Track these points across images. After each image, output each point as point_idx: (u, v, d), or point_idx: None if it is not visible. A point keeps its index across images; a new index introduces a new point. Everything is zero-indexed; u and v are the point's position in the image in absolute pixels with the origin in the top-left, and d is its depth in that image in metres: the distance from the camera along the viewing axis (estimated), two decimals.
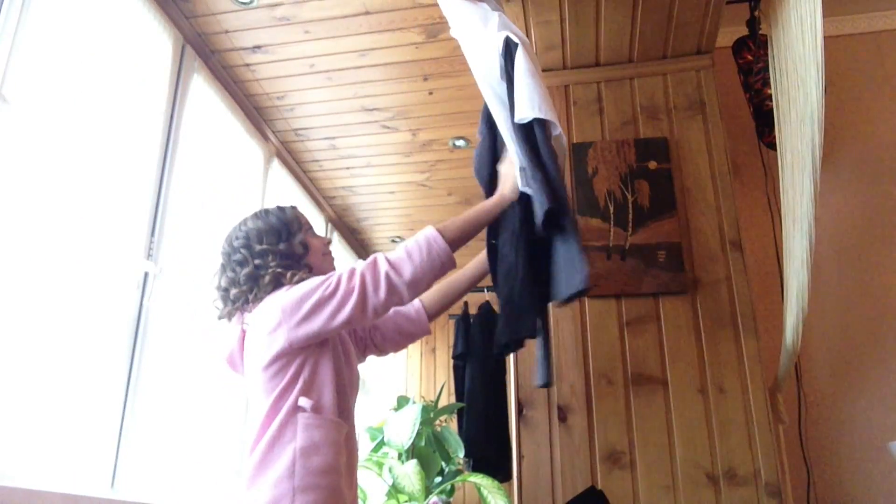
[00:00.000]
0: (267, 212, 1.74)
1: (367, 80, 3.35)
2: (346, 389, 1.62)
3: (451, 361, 4.10)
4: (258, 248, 1.66)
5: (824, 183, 2.70)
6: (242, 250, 1.67)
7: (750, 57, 2.70)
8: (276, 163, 3.75)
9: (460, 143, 3.85)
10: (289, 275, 1.63)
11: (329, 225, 4.64)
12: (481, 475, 2.72)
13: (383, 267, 1.53)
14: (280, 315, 1.52)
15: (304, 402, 1.49)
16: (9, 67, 1.95)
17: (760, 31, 2.64)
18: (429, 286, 1.59)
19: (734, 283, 2.29)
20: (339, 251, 4.81)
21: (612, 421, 2.18)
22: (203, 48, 3.05)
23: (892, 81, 3.02)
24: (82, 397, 2.14)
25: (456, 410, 3.54)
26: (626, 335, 2.28)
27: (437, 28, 3.01)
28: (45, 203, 2.07)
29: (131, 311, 2.40)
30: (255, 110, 3.53)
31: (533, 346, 2.30)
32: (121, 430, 2.27)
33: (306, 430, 1.48)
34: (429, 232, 1.58)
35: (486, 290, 4.17)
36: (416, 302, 1.86)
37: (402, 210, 4.67)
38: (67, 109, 2.19)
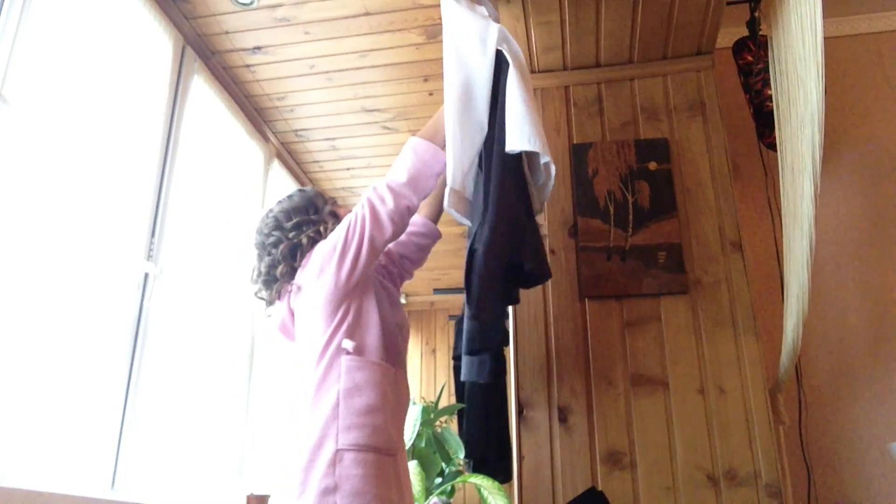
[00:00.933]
0: (290, 196, 1.86)
1: (368, 80, 3.35)
2: (392, 333, 1.70)
3: (452, 362, 4.10)
4: (289, 224, 1.77)
5: (824, 184, 2.71)
6: (275, 232, 1.78)
7: (750, 58, 2.70)
8: (276, 164, 3.75)
9: None
10: (324, 232, 1.76)
11: None
12: (481, 476, 2.71)
13: (382, 183, 1.67)
14: (321, 262, 1.64)
15: (347, 343, 1.59)
16: (9, 68, 1.95)
17: (761, 32, 2.64)
18: (431, 181, 1.70)
19: (734, 284, 2.29)
20: None
21: (613, 422, 2.18)
22: (203, 49, 3.05)
23: (892, 82, 3.03)
24: (82, 398, 2.14)
25: (456, 411, 3.53)
26: (626, 336, 2.28)
27: (437, 29, 3.01)
28: (46, 204, 2.07)
29: (131, 312, 2.40)
30: (255, 111, 3.53)
31: (534, 348, 2.31)
32: (121, 431, 2.27)
33: (349, 373, 1.56)
34: (410, 140, 1.75)
35: None
36: (418, 217, 1.98)
37: None
38: (68, 110, 2.19)
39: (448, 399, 4.43)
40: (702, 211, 2.40)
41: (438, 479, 3.01)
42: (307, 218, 1.79)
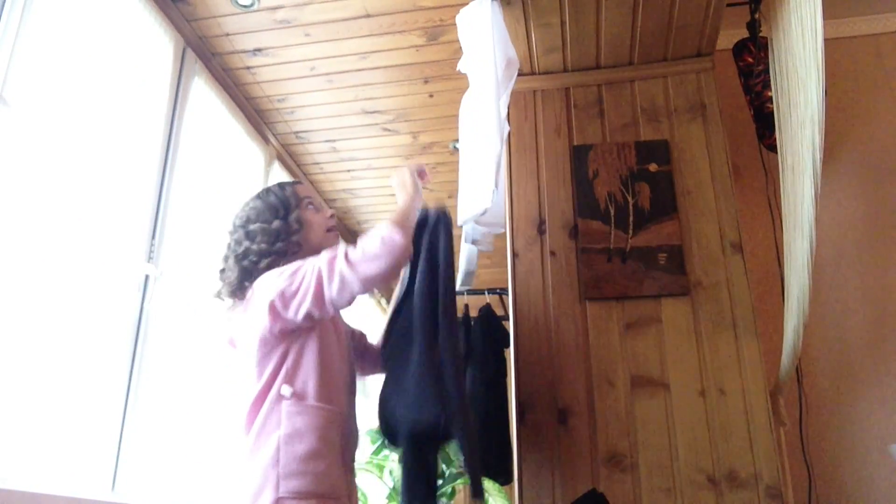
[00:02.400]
0: (268, 190, 1.79)
1: (368, 82, 3.36)
2: (334, 374, 1.62)
3: None
4: (251, 227, 1.70)
5: (825, 185, 2.71)
6: (240, 230, 1.72)
7: (750, 59, 2.70)
8: (276, 165, 3.76)
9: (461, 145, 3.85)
10: (272, 257, 1.66)
11: None
12: (483, 478, 2.71)
13: (340, 261, 1.53)
14: (259, 301, 1.56)
15: (286, 390, 1.53)
16: (10, 70, 1.95)
17: (761, 34, 2.64)
18: (386, 281, 1.59)
19: (735, 286, 2.28)
20: None
21: (613, 423, 2.18)
22: (204, 51, 3.06)
23: (892, 84, 3.03)
24: (83, 400, 2.14)
25: None
26: (626, 337, 2.28)
27: (437, 31, 3.01)
28: (46, 205, 2.07)
29: (132, 314, 2.40)
30: (255, 113, 3.53)
31: (534, 349, 2.31)
32: (121, 432, 2.27)
33: (289, 418, 1.51)
34: (386, 229, 1.56)
35: (486, 292, 4.17)
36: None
37: None
38: (68, 112, 2.19)
39: None
40: (702, 212, 2.40)
41: (439, 481, 3.01)
42: (269, 226, 1.69)
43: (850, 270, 2.79)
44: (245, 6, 2.84)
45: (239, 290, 1.67)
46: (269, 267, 1.65)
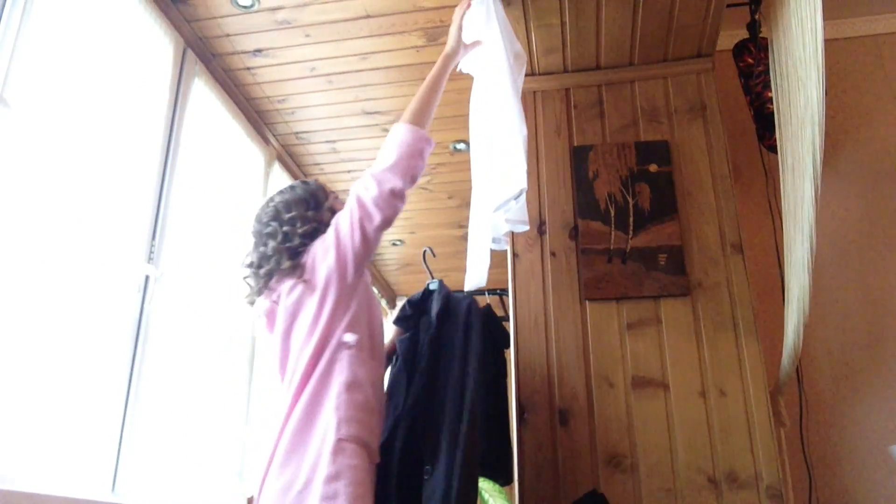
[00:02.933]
0: (292, 186, 1.86)
1: (368, 83, 3.36)
2: (378, 334, 1.72)
3: None
4: (287, 216, 1.76)
5: (825, 186, 2.70)
6: (272, 223, 1.76)
7: (750, 60, 2.70)
8: (277, 166, 3.76)
9: (461, 146, 3.85)
10: (320, 229, 1.75)
11: None
12: (482, 479, 2.71)
13: (367, 173, 1.70)
14: (320, 259, 1.65)
15: (349, 337, 1.60)
16: (10, 71, 1.95)
17: (761, 35, 2.64)
18: (415, 165, 1.74)
19: (735, 286, 2.28)
20: None
21: (613, 424, 2.18)
22: (204, 52, 3.06)
23: (892, 84, 3.03)
24: (83, 401, 2.13)
25: None
26: (626, 338, 2.28)
27: (437, 31, 3.01)
28: (47, 206, 2.07)
29: (132, 315, 2.40)
30: (255, 114, 3.53)
31: (534, 350, 2.31)
32: (121, 433, 2.27)
33: (350, 367, 1.58)
34: (393, 127, 1.79)
35: (486, 293, 4.17)
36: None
37: (402, 213, 4.64)
38: (69, 113, 2.19)
39: None
40: (702, 213, 2.40)
41: None
42: (304, 214, 1.77)
43: (851, 271, 2.79)
44: (245, 7, 2.84)
45: (296, 266, 1.70)
46: (311, 242, 1.73)
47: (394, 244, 5.14)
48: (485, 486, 2.65)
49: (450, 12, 2.90)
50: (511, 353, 2.35)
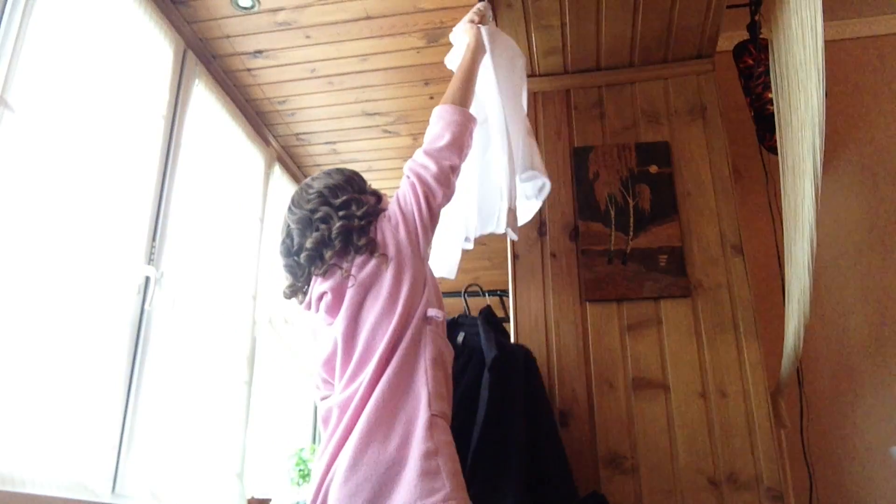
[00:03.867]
0: (328, 173, 1.81)
1: (369, 84, 3.36)
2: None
3: None
4: (338, 201, 1.70)
5: (825, 187, 2.71)
6: (323, 207, 1.70)
7: (751, 61, 2.70)
8: (277, 167, 3.76)
9: None
10: (372, 212, 1.72)
11: None
12: None
13: (419, 152, 1.73)
14: (391, 232, 1.65)
15: (433, 312, 1.60)
16: (12, 74, 1.95)
17: (761, 36, 2.65)
18: (465, 143, 1.77)
19: (735, 287, 2.28)
20: None
21: (614, 425, 2.18)
22: (204, 53, 3.06)
23: (892, 86, 3.03)
24: (83, 402, 2.13)
25: None
26: (627, 339, 2.28)
27: (438, 33, 3.01)
28: (48, 207, 2.07)
29: (132, 316, 2.40)
30: (256, 115, 3.54)
31: (535, 351, 2.31)
32: (122, 435, 2.27)
33: (434, 342, 1.57)
34: (437, 109, 1.82)
35: (486, 294, 4.17)
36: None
37: None
38: (70, 115, 2.20)
39: None
40: (703, 214, 2.40)
41: None
42: (354, 196, 1.73)
43: (851, 272, 2.79)
44: (245, 8, 2.84)
45: (370, 242, 1.66)
46: (372, 219, 1.71)
47: None
48: None
49: (450, 13, 2.90)
50: None
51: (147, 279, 2.49)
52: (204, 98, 3.02)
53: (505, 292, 2.86)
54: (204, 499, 2.66)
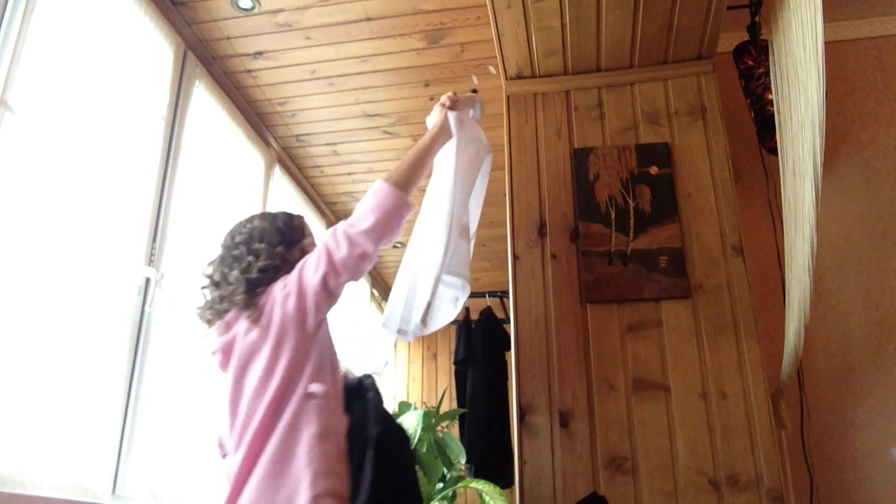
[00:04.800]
0: (275, 215, 1.79)
1: (369, 86, 3.36)
2: (340, 378, 1.64)
3: (453, 367, 4.10)
4: (256, 246, 1.68)
5: (826, 188, 2.71)
6: (242, 246, 1.69)
7: (751, 62, 2.70)
8: (277, 169, 3.76)
9: None
10: (273, 273, 1.66)
11: None
12: (483, 481, 2.71)
13: (340, 227, 1.64)
14: (278, 305, 1.57)
15: (315, 387, 1.52)
16: (13, 76, 1.96)
17: (761, 37, 2.65)
18: (391, 230, 1.68)
19: (736, 289, 2.28)
20: None
21: (614, 426, 2.17)
22: (204, 54, 3.06)
23: (893, 86, 3.03)
24: (84, 403, 2.13)
25: (457, 416, 3.53)
26: (627, 340, 2.27)
27: (438, 34, 3.01)
28: (49, 209, 2.07)
29: (132, 317, 2.40)
30: (256, 116, 3.54)
31: (535, 352, 2.31)
32: (122, 436, 2.27)
33: (320, 416, 1.50)
34: (376, 184, 1.72)
35: (486, 295, 4.17)
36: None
37: None
38: (70, 117, 2.20)
39: (449, 404, 4.42)
40: (703, 215, 2.40)
41: (440, 485, 3.00)
42: (273, 250, 1.68)
43: (852, 273, 2.79)
44: (246, 10, 2.85)
45: (251, 305, 1.63)
46: (272, 280, 1.65)
47: (395, 247, 5.14)
48: (486, 488, 2.65)
49: (450, 15, 2.91)
50: (512, 356, 2.34)
51: (147, 280, 2.49)
52: (204, 99, 3.03)
53: (505, 293, 2.87)
54: (204, 500, 2.66)
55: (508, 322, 2.52)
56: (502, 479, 3.04)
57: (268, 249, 1.68)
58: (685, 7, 2.35)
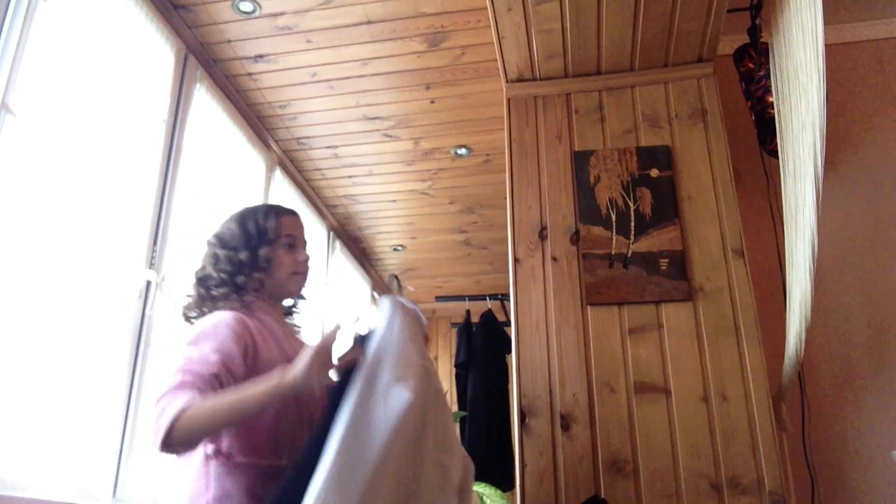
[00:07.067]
0: (253, 214, 1.66)
1: (369, 88, 3.36)
2: (268, 422, 1.46)
3: (453, 370, 4.10)
4: (219, 251, 1.62)
5: (826, 190, 2.70)
6: (212, 246, 1.66)
7: (751, 65, 2.70)
8: (278, 171, 3.76)
9: (462, 151, 3.85)
10: (228, 288, 1.57)
11: (331, 234, 4.64)
12: (484, 484, 2.70)
13: (156, 396, 1.48)
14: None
15: (209, 448, 1.42)
16: (14, 79, 1.96)
17: (762, 39, 2.65)
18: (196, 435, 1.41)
19: (737, 291, 2.28)
20: (341, 260, 4.81)
21: (615, 429, 2.17)
22: (205, 58, 3.06)
23: (893, 89, 3.03)
24: (84, 406, 2.13)
25: (458, 419, 3.53)
26: (628, 343, 2.27)
27: (438, 37, 3.02)
28: (49, 212, 2.07)
29: (133, 320, 2.40)
30: (257, 119, 3.54)
31: (536, 355, 2.31)
32: (122, 438, 2.27)
33: (217, 480, 1.40)
34: (159, 405, 1.45)
35: (487, 297, 4.17)
36: None
37: (404, 218, 4.68)
38: (71, 119, 2.20)
39: (450, 407, 4.41)
40: (704, 218, 2.40)
41: None
42: (235, 256, 1.59)
43: (852, 275, 2.78)
44: (247, 13, 2.85)
45: (198, 315, 1.58)
46: (224, 297, 1.56)
47: (395, 249, 5.14)
48: (487, 491, 2.65)
49: (451, 17, 2.91)
50: (513, 359, 2.34)
51: (148, 283, 2.49)
52: (205, 102, 3.03)
53: (506, 296, 2.87)
54: None
55: (509, 325, 2.52)
56: (503, 482, 3.04)
57: (229, 256, 1.61)
58: (685, 10, 2.35)
